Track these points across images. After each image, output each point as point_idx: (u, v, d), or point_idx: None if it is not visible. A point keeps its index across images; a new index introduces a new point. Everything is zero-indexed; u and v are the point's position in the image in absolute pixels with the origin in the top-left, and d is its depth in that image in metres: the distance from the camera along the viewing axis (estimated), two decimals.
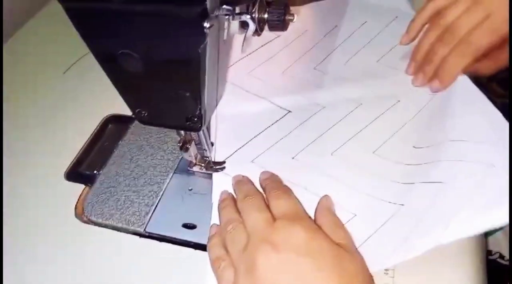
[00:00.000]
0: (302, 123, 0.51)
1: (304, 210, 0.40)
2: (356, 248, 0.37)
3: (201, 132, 0.41)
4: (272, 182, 0.43)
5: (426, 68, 0.51)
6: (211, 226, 0.42)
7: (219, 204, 0.43)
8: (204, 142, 0.43)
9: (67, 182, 0.48)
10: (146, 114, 0.38)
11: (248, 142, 0.49)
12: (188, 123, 0.37)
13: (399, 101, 0.52)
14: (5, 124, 0.56)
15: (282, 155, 0.48)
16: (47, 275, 0.41)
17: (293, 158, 0.47)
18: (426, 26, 0.53)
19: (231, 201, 0.42)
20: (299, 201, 0.41)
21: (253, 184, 0.44)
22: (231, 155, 0.48)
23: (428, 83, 0.52)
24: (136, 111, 0.38)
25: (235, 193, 0.44)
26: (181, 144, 0.43)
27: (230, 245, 0.37)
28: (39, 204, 0.47)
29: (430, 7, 0.51)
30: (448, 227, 0.37)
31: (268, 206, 0.39)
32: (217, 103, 0.41)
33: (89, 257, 0.42)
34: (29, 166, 0.51)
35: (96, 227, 0.44)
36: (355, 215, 0.42)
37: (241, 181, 0.44)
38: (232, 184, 0.44)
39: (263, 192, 0.43)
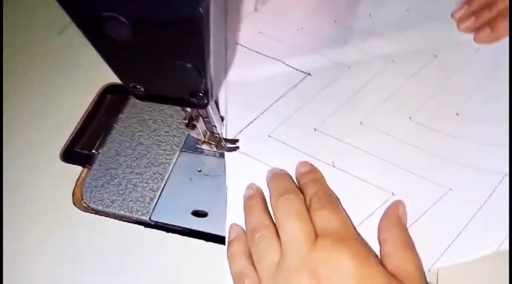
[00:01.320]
0: (324, 87, 0.44)
1: (352, 225, 0.33)
2: (424, 278, 0.30)
3: (209, 107, 0.35)
4: (314, 183, 0.36)
5: (482, 12, 0.45)
6: (230, 226, 0.36)
7: (245, 202, 0.36)
8: (213, 117, 0.37)
9: (63, 163, 0.43)
10: (142, 90, 0.32)
11: (262, 113, 0.43)
12: (192, 98, 0.31)
13: (436, 56, 0.45)
14: None
15: (303, 126, 0.42)
16: (44, 268, 0.37)
17: (315, 129, 0.41)
18: None
19: (260, 200, 0.36)
20: (346, 213, 0.34)
21: (293, 181, 0.37)
22: (244, 128, 0.42)
23: (476, 30, 0.45)
24: (131, 86, 0.32)
25: (268, 186, 0.37)
26: (187, 121, 0.37)
27: (258, 260, 0.32)
28: (33, 190, 0.42)
29: None
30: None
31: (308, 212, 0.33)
32: (226, 72, 0.35)
33: (89, 250, 0.38)
34: (19, 145, 0.46)
35: (96, 216, 0.39)
36: (393, 194, 0.36)
37: (279, 175, 0.37)
38: (267, 178, 0.38)
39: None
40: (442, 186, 0.36)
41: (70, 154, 0.44)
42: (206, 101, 0.31)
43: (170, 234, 0.37)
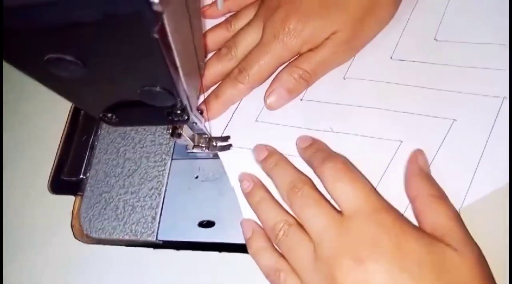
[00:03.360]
0: None
1: (373, 190, 0.31)
2: (467, 236, 0.29)
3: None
4: (320, 153, 0.33)
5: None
6: (242, 223, 0.34)
7: (247, 198, 0.34)
8: (197, 120, 0.34)
9: (53, 195, 0.41)
10: (114, 117, 0.29)
11: (241, 99, 0.39)
12: (170, 117, 0.28)
13: None
14: None
15: None
16: None
17: (301, 99, 0.38)
18: None
19: (263, 191, 0.34)
20: (368, 181, 0.32)
21: (292, 165, 0.34)
22: (229, 122, 0.39)
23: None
24: (100, 115, 0.29)
25: (269, 177, 0.35)
26: (170, 131, 0.34)
27: (291, 256, 0.30)
28: (29, 230, 0.40)
29: None
30: None
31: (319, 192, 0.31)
32: (201, 74, 0.32)
33: (101, 282, 0.36)
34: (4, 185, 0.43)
35: (101, 246, 0.37)
36: (401, 141, 0.34)
37: (276, 164, 0.34)
38: (264, 169, 0.35)
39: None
40: (446, 118, 0.35)
41: (58, 185, 0.41)
42: (186, 116, 0.28)
43: (181, 251, 0.35)
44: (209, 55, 0.41)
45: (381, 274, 0.26)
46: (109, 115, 0.28)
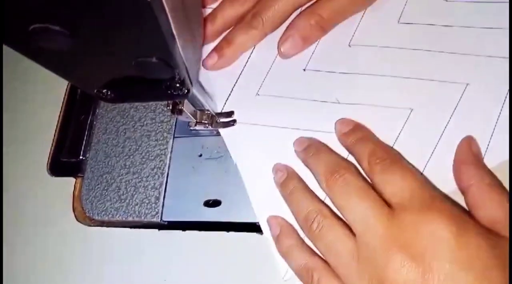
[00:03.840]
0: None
1: (431, 184, 0.28)
2: None
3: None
4: (365, 142, 0.30)
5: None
6: (268, 220, 0.31)
7: (280, 189, 0.32)
8: (198, 95, 0.32)
9: (53, 178, 0.39)
10: (109, 93, 0.27)
11: (241, 72, 0.37)
12: (169, 92, 0.26)
13: None
14: None
15: (290, 70, 0.36)
16: None
17: (305, 69, 0.36)
18: None
19: (296, 181, 0.31)
20: (418, 171, 0.29)
21: (333, 151, 0.32)
22: (229, 96, 0.37)
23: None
24: (95, 92, 0.27)
25: (307, 166, 0.32)
26: (171, 108, 0.32)
27: (328, 252, 0.28)
28: (30, 214, 0.39)
29: None
30: None
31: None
32: (201, 42, 0.30)
33: (106, 265, 0.35)
34: (4, 168, 0.42)
35: (104, 228, 0.36)
36: (412, 109, 0.33)
37: (315, 150, 0.31)
38: (297, 151, 0.33)
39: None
40: (458, 83, 0.33)
41: (57, 166, 0.40)
42: (186, 90, 0.26)
43: (187, 231, 0.34)
44: None
45: (442, 273, 0.23)
46: (104, 91, 0.27)
